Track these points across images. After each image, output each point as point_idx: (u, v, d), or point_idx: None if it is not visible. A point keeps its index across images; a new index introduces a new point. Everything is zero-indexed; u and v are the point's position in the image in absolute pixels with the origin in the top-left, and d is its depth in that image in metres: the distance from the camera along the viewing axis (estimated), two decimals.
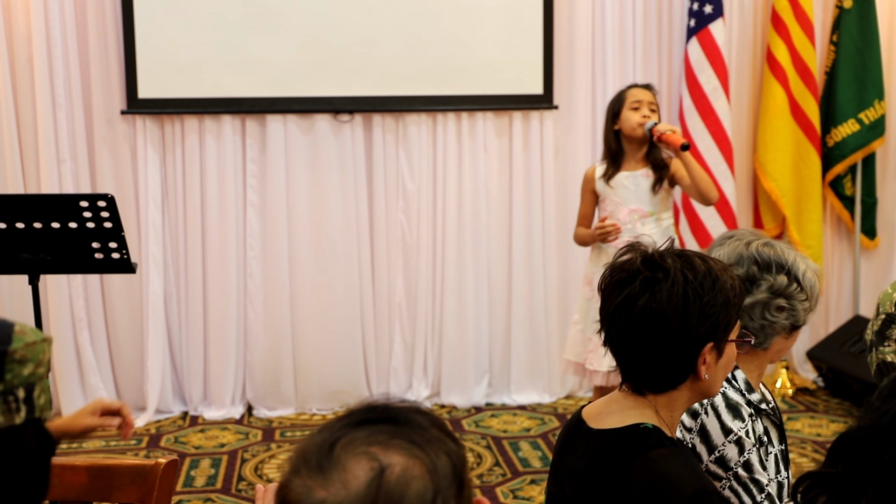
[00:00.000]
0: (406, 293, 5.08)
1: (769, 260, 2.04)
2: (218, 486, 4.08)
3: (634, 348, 1.71)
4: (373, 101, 4.94)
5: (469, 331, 5.08)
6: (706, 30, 4.92)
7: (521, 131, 5.06)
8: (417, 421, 1.12)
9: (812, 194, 5.18)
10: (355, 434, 1.09)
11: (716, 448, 1.96)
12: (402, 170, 5.02)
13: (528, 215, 5.07)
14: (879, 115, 5.12)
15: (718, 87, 4.92)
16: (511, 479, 4.14)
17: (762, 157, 5.15)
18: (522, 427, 4.78)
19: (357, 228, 5.00)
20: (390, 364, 5.09)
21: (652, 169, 3.88)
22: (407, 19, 4.91)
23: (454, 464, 1.11)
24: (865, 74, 5.10)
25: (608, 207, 3.91)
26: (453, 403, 5.07)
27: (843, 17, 5.10)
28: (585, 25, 5.03)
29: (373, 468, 1.06)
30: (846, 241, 5.38)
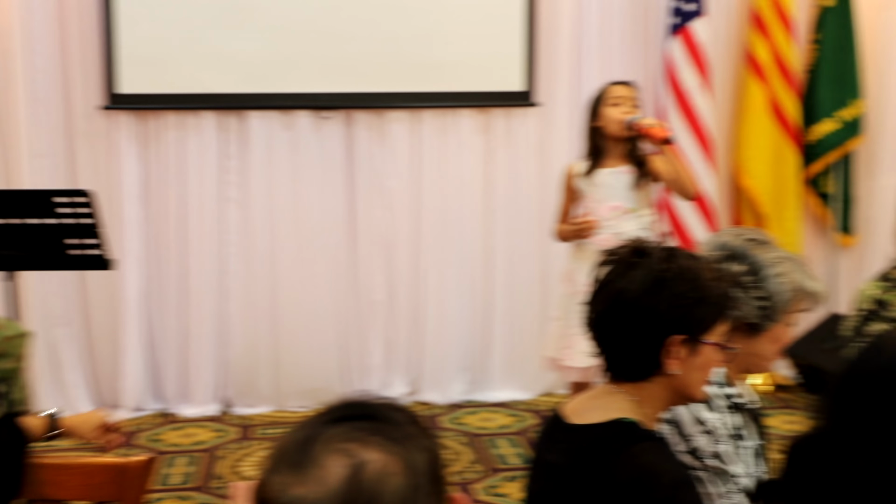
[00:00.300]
0: (386, 290, 5.07)
1: (738, 251, 2.03)
2: (194, 485, 4.06)
3: (607, 330, 1.75)
4: (354, 98, 4.93)
5: (449, 328, 5.08)
6: (687, 27, 4.92)
7: (503, 128, 5.06)
8: (395, 417, 1.12)
9: (791, 192, 5.21)
10: (333, 431, 1.09)
11: (688, 438, 1.96)
12: (383, 167, 5.01)
13: (508, 212, 5.07)
14: (858, 114, 5.15)
15: (700, 85, 4.93)
16: (489, 476, 4.14)
17: (742, 154, 5.17)
18: (501, 424, 4.78)
19: (337, 225, 4.99)
20: (369, 361, 5.08)
21: (633, 166, 3.88)
22: (389, 15, 4.89)
23: (431, 460, 1.11)
24: (844, 73, 5.12)
25: (589, 204, 3.91)
26: (432, 400, 5.07)
27: (824, 15, 5.12)
28: (567, 22, 5.03)
29: (350, 465, 1.05)
30: (824, 238, 5.41)
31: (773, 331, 2.04)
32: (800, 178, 5.22)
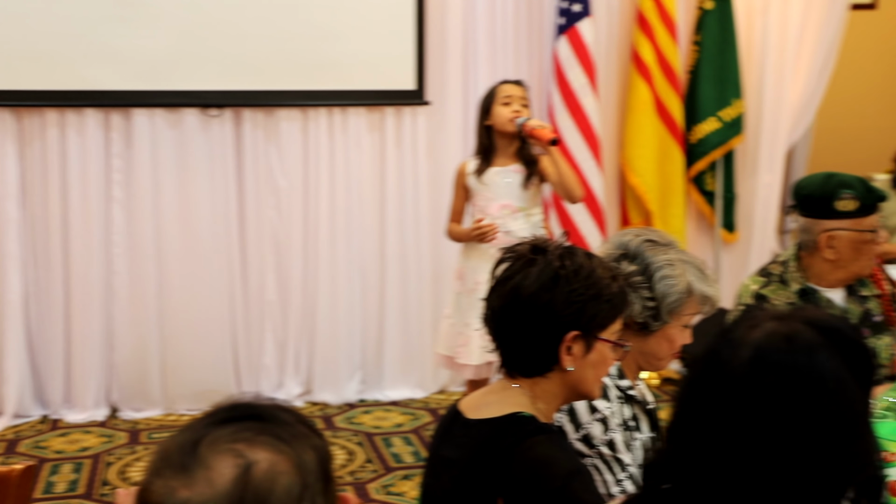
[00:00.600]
0: (278, 290, 5.02)
1: (632, 251, 2.08)
2: (80, 492, 3.96)
3: (505, 326, 1.79)
4: (242, 96, 4.86)
5: (341, 327, 5.06)
6: (574, 28, 5.00)
7: (394, 127, 5.06)
8: (282, 417, 1.11)
9: (676, 190, 5.34)
10: (220, 432, 1.07)
11: (581, 426, 2.00)
12: (274, 166, 4.95)
13: (400, 211, 5.07)
14: (738, 114, 5.31)
15: (586, 85, 5.01)
16: (383, 475, 4.13)
17: (628, 153, 5.28)
18: (395, 423, 4.78)
19: (227, 225, 4.91)
20: (261, 362, 5.02)
21: (523, 165, 3.92)
22: (277, 13, 4.84)
23: (320, 458, 1.11)
24: (725, 74, 5.27)
25: (479, 202, 3.94)
26: (326, 401, 5.04)
27: (704, 17, 5.26)
28: (457, 21, 5.06)
29: (239, 465, 1.04)
30: (707, 234, 5.56)
31: (665, 331, 2.09)
32: (684, 177, 5.36)
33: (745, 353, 1.20)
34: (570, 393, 1.80)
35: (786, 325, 1.21)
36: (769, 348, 1.19)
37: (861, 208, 2.73)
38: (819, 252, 2.77)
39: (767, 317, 1.24)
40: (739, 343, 1.21)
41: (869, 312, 2.83)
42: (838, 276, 2.80)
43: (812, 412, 1.15)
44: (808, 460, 1.15)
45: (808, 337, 1.19)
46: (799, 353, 1.18)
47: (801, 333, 1.19)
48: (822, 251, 2.76)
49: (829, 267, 2.79)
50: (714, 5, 5.23)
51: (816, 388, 1.16)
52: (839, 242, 2.74)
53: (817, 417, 1.15)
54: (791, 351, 1.18)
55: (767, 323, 1.22)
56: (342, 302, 5.05)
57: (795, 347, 1.18)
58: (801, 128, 5.58)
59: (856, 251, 2.75)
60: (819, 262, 2.79)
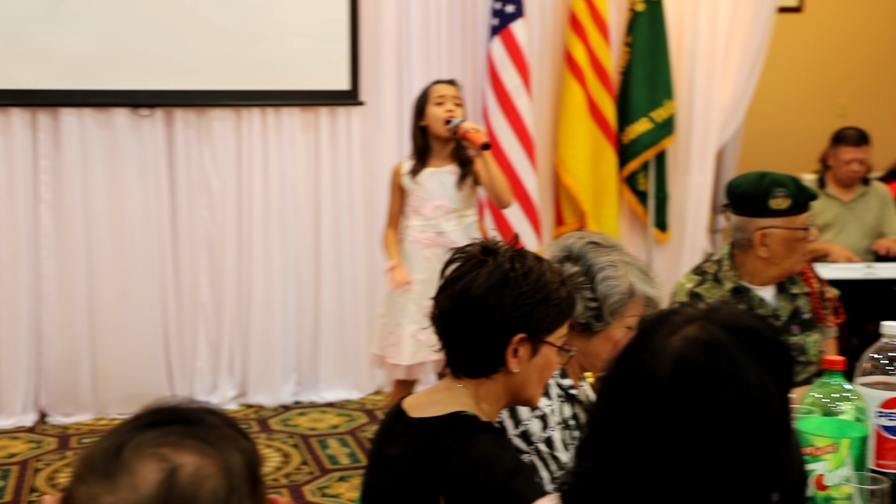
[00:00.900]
0: (211, 292, 4.97)
1: (575, 253, 2.10)
2: (7, 499, 3.87)
3: (453, 326, 1.78)
4: (174, 96, 4.80)
5: (276, 329, 5.02)
6: (508, 29, 5.03)
7: (328, 127, 5.04)
8: (209, 420, 1.10)
9: (609, 190, 5.39)
10: (144, 436, 1.06)
11: (521, 422, 2.01)
12: (206, 166, 4.90)
13: (335, 211, 5.05)
14: (669, 115, 5.38)
15: (520, 86, 5.04)
16: (319, 476, 4.11)
17: (562, 153, 5.32)
18: (331, 424, 4.76)
19: (159, 226, 4.85)
20: (195, 364, 4.97)
21: (458, 166, 3.93)
22: (210, 11, 4.79)
23: (248, 461, 1.10)
24: (656, 75, 5.34)
25: (413, 203, 3.94)
26: (261, 403, 5.00)
27: (636, 19, 5.32)
28: (391, 21, 5.05)
29: (163, 469, 1.03)
30: (640, 233, 5.62)
31: (608, 332, 2.11)
32: (617, 177, 5.41)
33: (666, 363, 1.18)
34: (513, 396, 1.82)
35: (704, 330, 1.19)
36: (691, 357, 1.17)
37: (794, 206, 2.79)
38: (753, 250, 2.82)
39: (683, 321, 1.22)
40: (660, 352, 1.19)
41: (798, 310, 2.88)
42: (771, 273, 2.85)
43: (738, 420, 1.15)
44: (734, 468, 1.15)
45: (727, 343, 1.18)
46: (721, 361, 1.16)
47: (721, 340, 1.18)
48: (756, 249, 2.81)
49: (763, 265, 2.83)
50: (645, 7, 5.29)
51: (741, 395, 1.15)
52: (772, 240, 2.79)
53: (743, 425, 1.15)
54: (713, 359, 1.17)
55: (685, 329, 1.20)
56: (277, 303, 5.01)
57: (717, 355, 1.17)
58: (731, 128, 5.67)
59: (788, 249, 2.80)
60: (753, 259, 2.84)
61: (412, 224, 3.94)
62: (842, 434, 1.78)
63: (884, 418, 1.93)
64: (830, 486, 1.77)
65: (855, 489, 1.74)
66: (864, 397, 1.87)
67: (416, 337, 3.86)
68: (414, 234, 3.93)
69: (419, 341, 3.86)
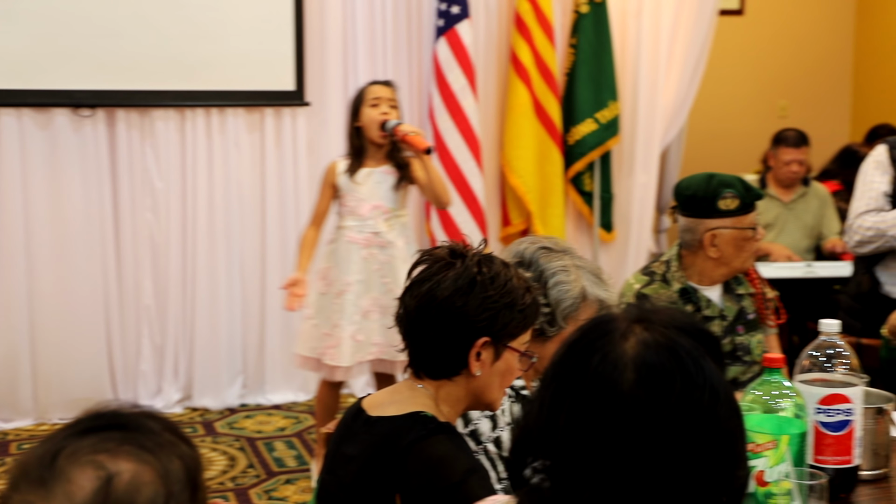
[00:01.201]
0: (155, 294, 4.92)
1: (527, 258, 2.12)
2: None
3: (417, 327, 1.79)
4: (116, 96, 4.74)
5: (222, 331, 4.98)
6: (454, 30, 5.04)
7: (274, 128, 5.01)
8: (147, 426, 1.08)
9: (555, 190, 5.42)
10: (80, 443, 1.04)
11: (470, 421, 2.02)
12: (150, 167, 4.85)
13: (281, 213, 5.02)
14: (614, 115, 5.42)
15: (466, 87, 5.05)
16: (265, 479, 4.09)
17: (508, 154, 5.34)
18: (277, 427, 4.73)
19: (101, 228, 4.79)
20: (138, 368, 4.91)
21: (393, 166, 3.93)
22: (152, 10, 4.74)
23: (187, 467, 1.08)
24: (601, 76, 5.38)
25: (350, 203, 3.92)
26: (206, 406, 4.95)
27: (580, 20, 5.36)
28: (336, 22, 5.03)
29: (99, 477, 1.01)
30: (586, 234, 5.66)
31: (562, 336, 2.12)
32: (563, 177, 5.45)
33: (629, 372, 1.13)
34: (474, 400, 1.83)
35: (657, 333, 1.16)
36: (654, 362, 1.14)
37: (742, 206, 2.83)
38: (703, 251, 2.85)
39: (627, 324, 1.18)
40: (618, 360, 1.14)
41: (744, 310, 2.93)
42: (721, 272, 2.89)
43: (710, 423, 1.12)
44: (707, 471, 1.13)
45: (685, 344, 1.15)
46: (686, 364, 1.14)
47: (678, 341, 1.15)
48: (707, 249, 2.84)
49: (712, 265, 2.87)
50: (589, 9, 5.33)
51: (712, 397, 1.13)
52: (722, 240, 2.83)
53: (715, 427, 1.13)
54: (679, 363, 1.14)
55: (634, 332, 1.17)
56: (222, 305, 4.97)
57: (681, 358, 1.14)
58: (675, 129, 5.73)
59: (738, 248, 2.84)
60: (702, 260, 2.87)
61: (348, 224, 3.93)
62: (782, 431, 1.81)
63: (822, 414, 1.96)
64: (771, 482, 1.79)
65: (794, 484, 1.77)
66: (803, 394, 1.91)
67: (354, 338, 3.87)
68: (350, 235, 3.92)
69: (358, 342, 3.87)
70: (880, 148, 3.32)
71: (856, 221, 3.25)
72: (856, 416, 1.97)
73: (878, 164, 3.29)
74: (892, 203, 3.23)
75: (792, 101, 7.34)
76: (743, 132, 7.03)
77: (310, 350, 3.97)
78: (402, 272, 3.90)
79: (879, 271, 3.32)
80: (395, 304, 4.05)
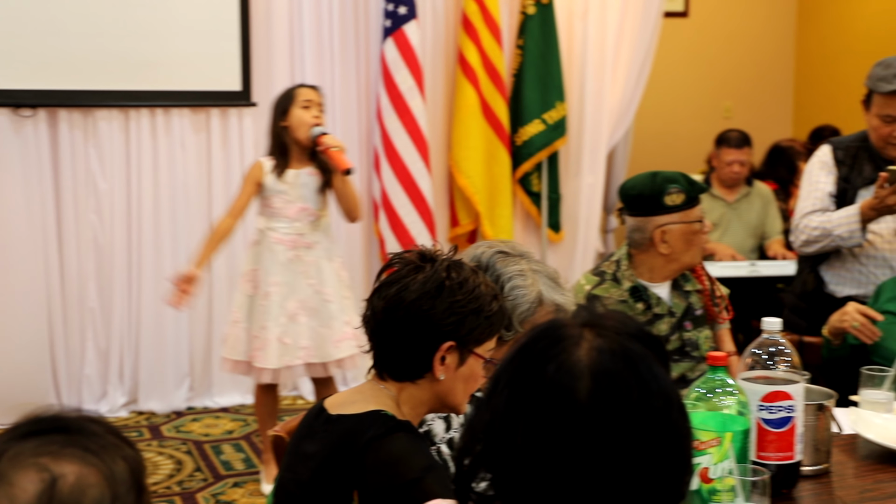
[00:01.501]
0: (99, 296, 4.86)
1: (482, 262, 2.13)
2: None
3: (383, 329, 1.79)
4: (58, 96, 4.68)
5: (168, 334, 4.93)
6: (401, 30, 5.03)
7: (220, 128, 4.97)
8: (90, 428, 1.07)
9: (503, 191, 5.44)
10: (22, 446, 1.03)
11: (425, 422, 2.02)
12: (93, 168, 4.79)
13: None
14: (561, 116, 5.45)
15: (414, 87, 5.05)
16: (213, 483, 4.05)
17: (456, 155, 5.35)
18: (225, 430, 4.69)
19: (44, 230, 4.72)
20: (82, 372, 4.84)
21: (317, 168, 3.92)
22: (95, 9, 4.68)
23: (132, 469, 1.08)
24: (548, 77, 5.41)
25: (276, 204, 3.90)
26: (152, 409, 4.90)
27: (527, 22, 5.38)
28: (283, 22, 5.01)
29: (43, 479, 1.01)
30: (534, 234, 5.69)
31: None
32: (511, 178, 5.47)
33: (585, 380, 1.11)
34: (437, 402, 1.84)
35: (609, 339, 1.15)
36: (609, 370, 1.12)
37: (687, 201, 2.88)
38: (654, 248, 2.89)
39: (579, 328, 1.16)
40: (572, 369, 1.12)
41: (691, 307, 2.96)
42: (671, 268, 2.93)
43: (666, 429, 1.12)
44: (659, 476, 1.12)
45: (637, 350, 1.14)
46: (641, 370, 1.12)
47: (630, 347, 1.14)
48: (657, 246, 2.88)
49: (663, 261, 2.91)
50: (536, 10, 5.36)
51: (666, 403, 1.13)
52: (671, 236, 2.86)
53: (671, 433, 1.12)
54: (634, 370, 1.12)
55: (588, 339, 1.15)
56: (168, 308, 4.90)
57: (635, 364, 1.12)
58: (622, 130, 5.78)
59: (687, 242, 2.89)
60: (652, 257, 2.91)
61: (274, 226, 3.91)
62: (725, 428, 1.83)
63: (764, 411, 1.99)
64: (715, 479, 1.82)
65: (737, 481, 1.79)
66: (745, 391, 1.93)
67: (282, 340, 3.86)
68: (276, 236, 3.90)
69: (285, 345, 3.86)
70: (825, 148, 3.38)
71: (802, 221, 3.30)
72: (797, 413, 2.00)
73: (822, 164, 3.34)
74: (836, 203, 3.29)
75: (736, 103, 7.45)
76: (688, 133, 7.11)
77: (240, 353, 3.96)
78: (328, 273, 3.93)
79: (824, 271, 3.38)
80: (321, 305, 4.05)
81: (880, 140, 3.25)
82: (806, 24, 7.52)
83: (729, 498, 1.80)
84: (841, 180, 3.30)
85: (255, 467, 4.20)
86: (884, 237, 3.25)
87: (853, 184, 3.29)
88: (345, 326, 3.93)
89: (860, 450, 2.24)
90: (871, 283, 3.26)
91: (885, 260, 3.25)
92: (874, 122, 3.24)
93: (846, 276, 3.33)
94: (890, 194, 3.05)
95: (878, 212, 3.12)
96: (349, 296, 4.02)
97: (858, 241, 3.20)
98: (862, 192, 3.26)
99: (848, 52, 6.98)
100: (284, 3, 4.99)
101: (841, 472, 2.14)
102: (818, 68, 7.38)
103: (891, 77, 3.16)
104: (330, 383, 4.05)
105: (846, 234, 3.19)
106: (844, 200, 3.28)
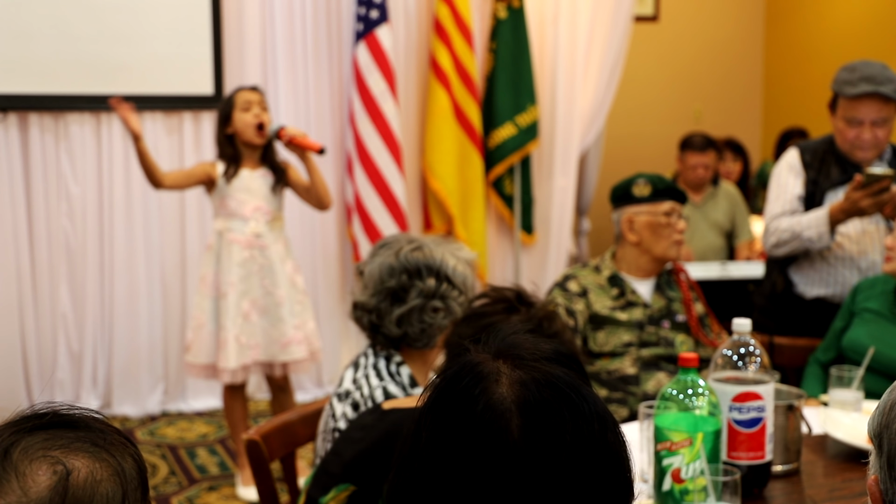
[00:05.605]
0: (72, 301, 4.83)
1: (417, 265, 2.15)
2: None
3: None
4: (29, 100, 4.65)
5: (142, 337, 4.91)
6: (373, 34, 5.04)
7: (192, 132, 4.96)
8: (95, 425, 1.09)
9: (476, 194, 5.46)
10: (31, 439, 1.04)
11: None
12: (65, 172, 4.76)
13: (200, 217, 4.97)
14: (533, 120, 5.49)
15: (386, 91, 5.06)
16: (187, 487, 4.04)
17: (429, 158, 5.37)
18: (199, 433, 4.68)
19: (15, 234, 4.69)
20: (55, 376, 4.82)
21: (269, 169, 3.94)
22: (65, 12, 4.66)
23: (139, 467, 1.10)
24: (520, 81, 5.44)
25: (231, 204, 3.91)
26: (126, 414, 4.88)
27: (499, 26, 5.41)
28: (255, 25, 5.00)
29: (56, 472, 1.02)
30: (507, 237, 5.72)
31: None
32: (484, 181, 5.49)
33: (514, 418, 1.03)
34: None
35: (529, 368, 1.07)
36: (537, 401, 1.04)
37: (654, 193, 3.02)
38: (625, 238, 3.04)
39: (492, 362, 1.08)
40: (497, 408, 1.03)
41: (672, 311, 3.03)
42: (645, 259, 3.04)
43: (604, 453, 1.05)
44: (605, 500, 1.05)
45: (562, 375, 1.07)
46: (571, 396, 1.05)
47: (554, 373, 1.07)
48: (626, 235, 3.03)
49: (636, 252, 3.04)
50: (507, 14, 5.38)
51: (602, 426, 1.06)
52: (638, 225, 3.01)
53: (609, 456, 1.06)
54: (562, 397, 1.05)
55: (504, 372, 1.07)
56: (142, 311, 4.90)
57: (563, 392, 1.05)
58: (593, 133, 5.82)
59: (654, 233, 3.01)
60: (627, 249, 3.05)
61: (230, 226, 3.92)
62: (696, 428, 1.86)
63: (735, 412, 2.02)
64: (686, 479, 1.84)
65: (709, 481, 1.82)
66: (716, 392, 1.96)
67: (238, 340, 3.88)
68: (232, 236, 3.91)
69: (241, 344, 3.88)
70: (792, 152, 3.43)
71: (772, 224, 3.36)
72: (768, 413, 2.04)
73: (790, 167, 3.39)
74: (805, 206, 3.34)
75: (706, 105, 7.51)
76: (659, 136, 7.16)
77: (204, 357, 3.97)
78: (281, 274, 3.95)
79: (792, 272, 3.43)
80: (273, 306, 4.07)
81: (846, 143, 3.30)
82: (774, 28, 7.60)
83: (700, 498, 1.83)
84: (809, 183, 3.35)
85: (230, 471, 4.19)
86: (851, 238, 3.30)
87: (821, 186, 3.34)
88: (294, 330, 3.95)
89: (829, 449, 2.28)
90: (839, 283, 3.32)
91: (852, 261, 3.31)
92: (840, 125, 3.30)
93: (815, 277, 3.38)
94: (864, 197, 3.10)
95: (847, 214, 3.17)
96: (302, 300, 4.03)
97: (827, 244, 3.25)
98: (830, 195, 3.32)
99: (816, 55, 7.07)
100: (256, 6, 4.99)
101: (811, 471, 2.17)
102: (786, 71, 7.46)
103: (856, 81, 3.21)
104: (287, 389, 4.06)
105: (815, 237, 3.24)
106: (813, 202, 3.33)
